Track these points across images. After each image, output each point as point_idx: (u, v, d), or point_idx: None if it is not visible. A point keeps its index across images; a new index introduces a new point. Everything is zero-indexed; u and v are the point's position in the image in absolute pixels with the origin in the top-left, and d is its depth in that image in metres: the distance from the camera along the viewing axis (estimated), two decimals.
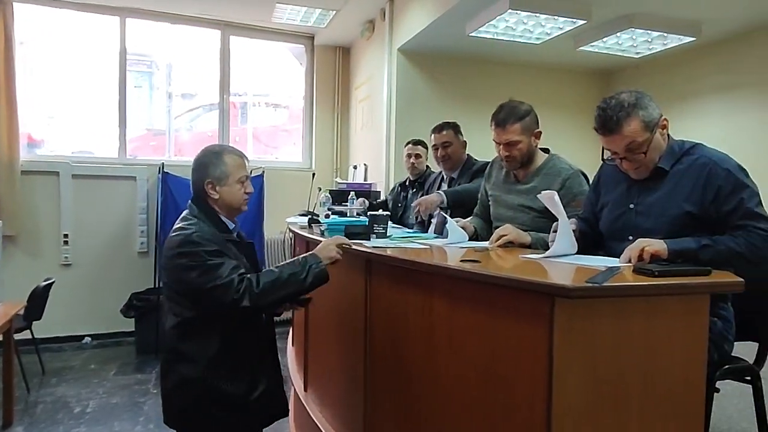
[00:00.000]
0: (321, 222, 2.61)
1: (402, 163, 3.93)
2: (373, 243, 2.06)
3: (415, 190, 3.71)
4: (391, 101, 5.11)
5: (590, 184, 2.14)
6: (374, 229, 2.16)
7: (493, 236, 2.04)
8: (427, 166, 3.78)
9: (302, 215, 3.44)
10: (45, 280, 4.11)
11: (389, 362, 1.90)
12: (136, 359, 4.58)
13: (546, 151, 2.35)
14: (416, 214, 3.02)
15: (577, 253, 1.73)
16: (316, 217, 2.89)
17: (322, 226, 2.49)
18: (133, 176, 5.20)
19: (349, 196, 3.53)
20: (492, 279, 1.37)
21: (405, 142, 3.87)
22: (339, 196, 3.88)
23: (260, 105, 6.41)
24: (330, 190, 4.02)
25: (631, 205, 1.81)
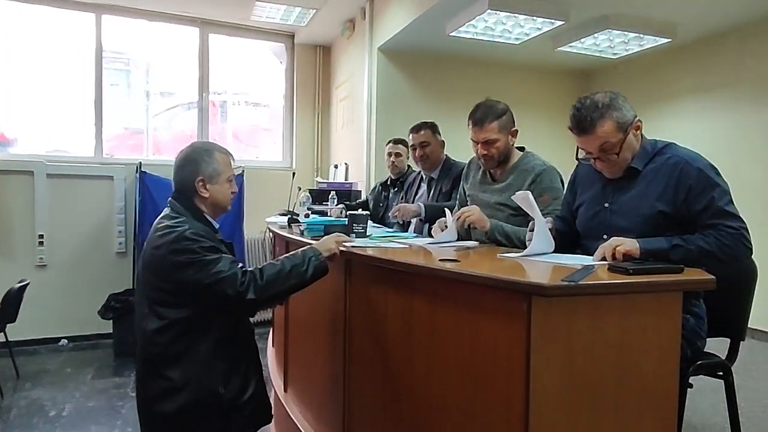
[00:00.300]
0: (300, 222, 2.60)
1: (383, 162, 3.93)
2: (352, 243, 2.05)
3: (396, 190, 3.71)
4: (372, 100, 5.11)
5: (565, 182, 2.20)
6: (354, 228, 2.16)
7: (456, 214, 2.15)
8: (408, 166, 3.79)
9: (282, 215, 3.43)
10: (19, 282, 4.02)
11: (369, 361, 1.91)
12: (114, 362, 4.51)
13: (521, 149, 2.38)
14: (393, 217, 3.09)
15: (555, 251, 1.76)
16: (296, 217, 2.87)
17: (301, 225, 2.48)
18: (110, 176, 5.12)
19: (330, 196, 3.53)
20: (471, 278, 1.38)
21: (386, 141, 3.88)
22: (319, 196, 3.87)
23: (240, 104, 6.36)
24: (310, 190, 4.01)
25: (606, 204, 1.84)
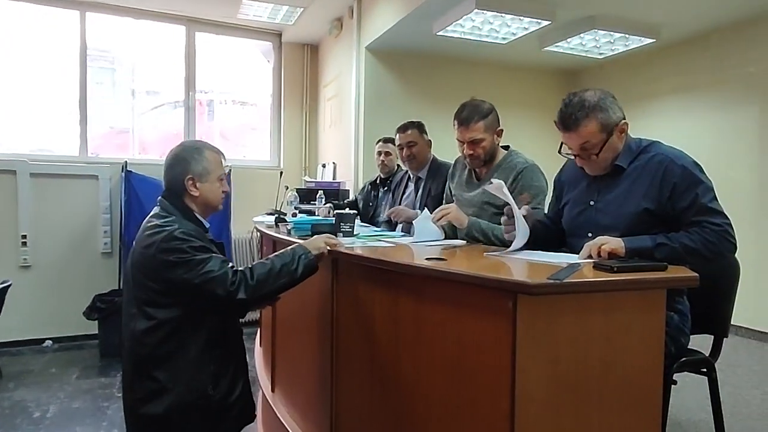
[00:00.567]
0: (288, 221, 2.59)
1: (371, 162, 3.93)
2: (342, 241, 2.05)
3: (386, 189, 3.72)
4: (360, 99, 5.11)
5: (549, 180, 2.22)
6: (341, 227, 2.16)
7: (435, 212, 2.20)
8: (397, 165, 3.80)
9: (269, 214, 3.41)
10: (2, 283, 3.97)
11: (356, 360, 1.90)
12: (99, 362, 4.46)
13: (506, 148, 2.40)
14: (388, 217, 3.09)
15: (539, 248, 1.77)
16: (283, 216, 2.86)
17: (288, 225, 2.47)
18: (95, 175, 5.05)
19: (318, 195, 3.52)
20: (457, 277, 1.39)
21: (375, 141, 3.87)
22: (307, 195, 3.86)
23: (227, 103, 6.32)
24: (298, 189, 3.99)
25: (592, 202, 1.86)
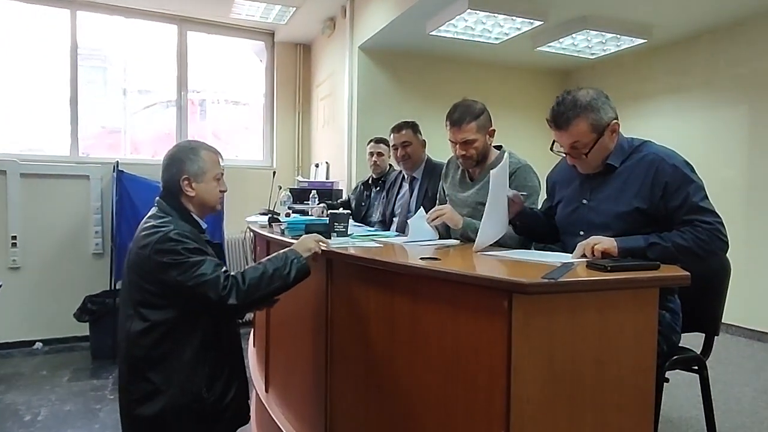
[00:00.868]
0: (281, 221, 2.59)
1: (364, 161, 3.93)
2: (334, 242, 2.05)
3: (378, 189, 3.72)
4: (353, 99, 5.11)
5: (542, 180, 2.24)
6: (335, 227, 2.16)
7: (430, 213, 2.19)
8: (390, 165, 3.80)
9: (262, 214, 3.40)
10: None
11: (351, 361, 1.90)
12: (91, 364, 4.43)
13: (499, 147, 2.41)
14: (381, 216, 3.12)
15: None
16: (277, 216, 2.86)
17: (282, 225, 2.47)
18: (87, 175, 5.01)
19: (311, 195, 3.51)
20: (452, 276, 1.39)
21: (367, 141, 3.87)
22: (300, 195, 3.85)
23: (220, 102, 6.30)
24: (291, 189, 3.98)
25: (584, 201, 1.87)
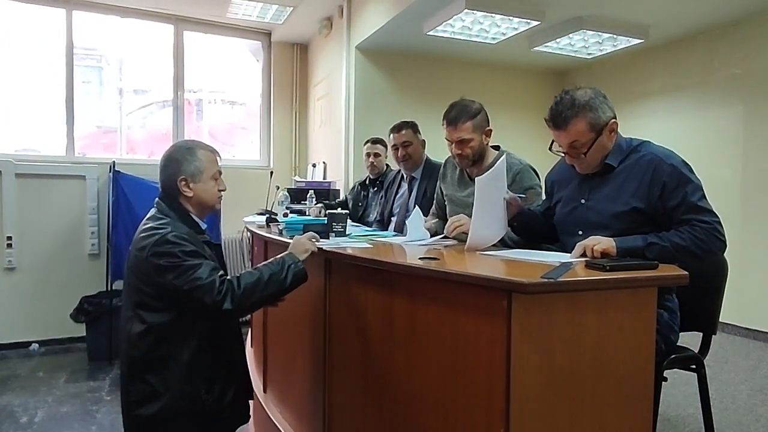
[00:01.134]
0: (279, 221, 2.58)
1: (362, 161, 3.93)
2: (325, 242, 2.04)
3: (375, 189, 3.71)
4: (350, 99, 5.10)
5: (541, 180, 2.24)
6: (333, 227, 2.16)
7: (447, 225, 2.11)
8: (387, 165, 3.79)
9: (260, 214, 3.39)
10: None
11: (350, 360, 1.90)
12: (87, 366, 4.41)
13: (497, 148, 2.40)
14: (379, 216, 3.12)
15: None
16: (274, 216, 2.85)
17: (280, 225, 2.46)
18: (83, 175, 4.99)
19: (308, 195, 3.51)
20: (451, 276, 1.39)
21: (364, 141, 3.86)
22: (298, 195, 3.84)
23: (216, 102, 6.28)
24: (288, 189, 3.97)
25: (583, 201, 1.87)
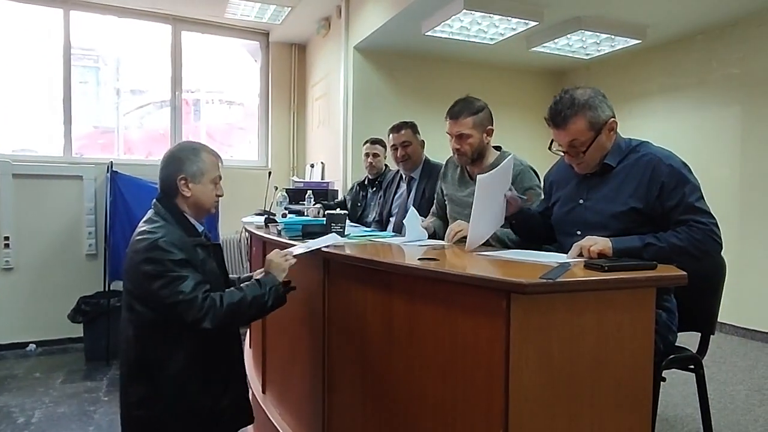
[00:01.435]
0: (278, 221, 2.58)
1: (360, 161, 3.92)
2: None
3: (374, 190, 3.71)
4: (348, 99, 5.10)
5: (541, 179, 2.24)
6: (332, 228, 2.15)
7: (448, 233, 2.08)
8: (385, 165, 3.79)
9: (258, 214, 3.39)
10: None
11: (349, 361, 1.90)
12: (85, 366, 4.40)
13: (498, 148, 2.40)
14: (378, 217, 3.13)
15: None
16: (273, 217, 2.85)
17: (278, 225, 2.46)
18: (80, 175, 4.97)
19: (307, 195, 3.50)
20: (450, 277, 1.39)
21: (363, 141, 3.86)
22: (296, 195, 3.84)
23: (214, 102, 6.27)
24: (287, 189, 3.97)
25: (581, 201, 1.87)
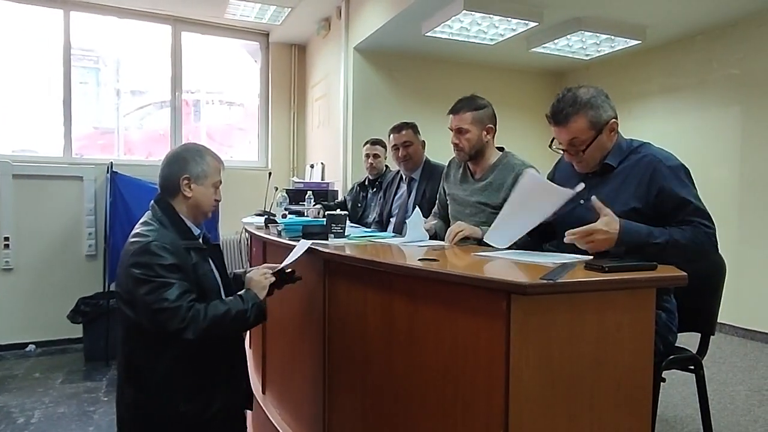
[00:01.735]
0: (278, 222, 2.58)
1: (360, 162, 3.93)
2: (331, 242, 2.05)
3: (375, 190, 3.71)
4: (348, 100, 5.10)
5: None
6: (332, 228, 2.16)
7: (448, 234, 2.09)
8: (386, 166, 3.79)
9: (259, 215, 3.39)
10: None
11: (348, 361, 1.90)
12: (84, 366, 4.40)
13: (501, 149, 2.40)
14: (378, 217, 3.15)
15: (529, 248, 1.81)
16: (273, 217, 2.85)
17: (279, 226, 2.46)
18: (80, 176, 4.97)
19: (307, 196, 3.51)
20: (450, 277, 1.39)
21: (363, 142, 3.86)
22: (296, 196, 3.84)
23: (214, 103, 6.27)
24: (287, 190, 3.97)
25: (581, 201, 1.87)
